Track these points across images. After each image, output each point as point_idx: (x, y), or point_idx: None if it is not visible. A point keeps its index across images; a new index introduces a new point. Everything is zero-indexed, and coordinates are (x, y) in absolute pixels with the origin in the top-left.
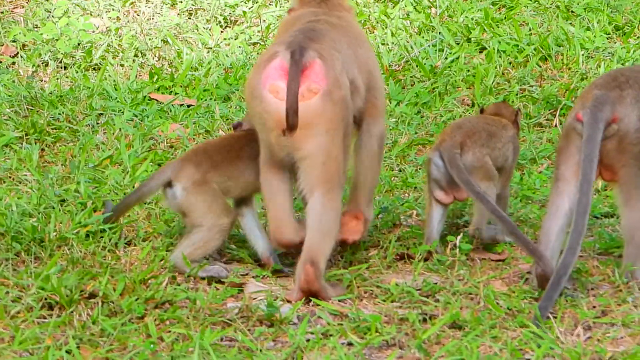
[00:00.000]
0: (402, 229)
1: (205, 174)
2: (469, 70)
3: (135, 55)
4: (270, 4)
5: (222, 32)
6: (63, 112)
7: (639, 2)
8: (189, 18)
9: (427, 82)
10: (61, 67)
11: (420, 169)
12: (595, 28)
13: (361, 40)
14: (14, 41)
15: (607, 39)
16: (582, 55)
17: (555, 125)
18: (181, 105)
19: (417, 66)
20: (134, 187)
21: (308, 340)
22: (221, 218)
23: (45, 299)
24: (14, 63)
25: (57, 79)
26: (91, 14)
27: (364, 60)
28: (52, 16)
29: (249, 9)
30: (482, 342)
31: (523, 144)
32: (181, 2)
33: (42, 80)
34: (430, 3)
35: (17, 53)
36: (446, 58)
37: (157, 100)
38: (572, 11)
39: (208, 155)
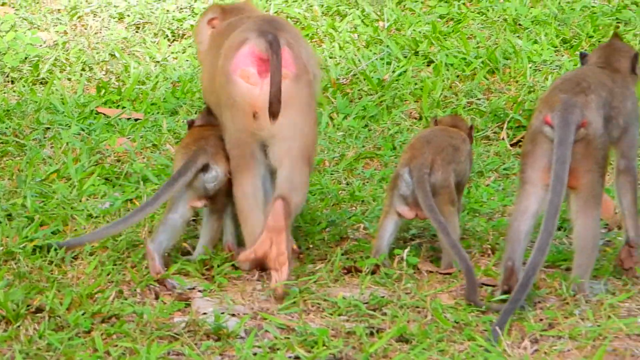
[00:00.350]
0: (350, 242)
1: None
2: (416, 84)
3: (83, 69)
4: None
5: (169, 45)
6: (10, 127)
7: (586, 15)
8: (137, 32)
9: (374, 96)
10: (8, 81)
11: (367, 182)
12: (543, 41)
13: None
14: None
15: (555, 52)
16: (530, 68)
17: (503, 138)
18: (128, 119)
19: (364, 79)
20: (80, 201)
21: (255, 354)
22: None
23: None
24: None
25: (4, 93)
26: (38, 28)
27: (310, 53)
28: None
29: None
30: (429, 355)
31: None
32: (129, 16)
33: None
34: (378, 16)
35: None
36: (394, 71)
37: (104, 114)
38: (519, 24)
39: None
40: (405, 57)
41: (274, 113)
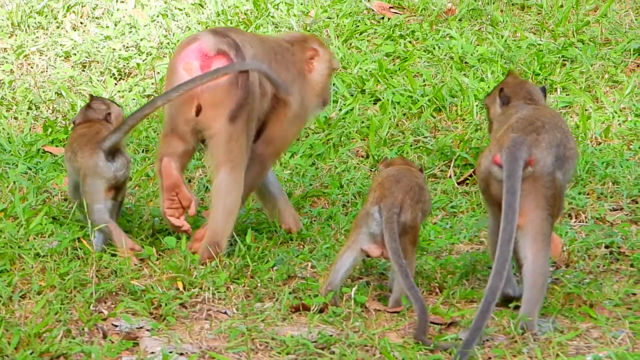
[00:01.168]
0: (297, 280)
1: None
2: (363, 122)
3: (29, 108)
4: (164, 57)
5: (116, 84)
6: None
7: (532, 53)
8: (83, 70)
9: (321, 134)
10: None
11: (314, 220)
12: (489, 79)
13: (288, 70)
14: None
15: None
16: (477, 106)
17: (450, 177)
18: None
19: None
20: (28, 240)
21: None
22: None
23: None
24: None
25: None
26: None
27: (277, 72)
28: None
29: (143, 61)
30: None
31: None
32: (75, 54)
33: None
34: None
35: None
36: (340, 109)
37: (51, 153)
38: (466, 62)
39: None
40: (352, 95)
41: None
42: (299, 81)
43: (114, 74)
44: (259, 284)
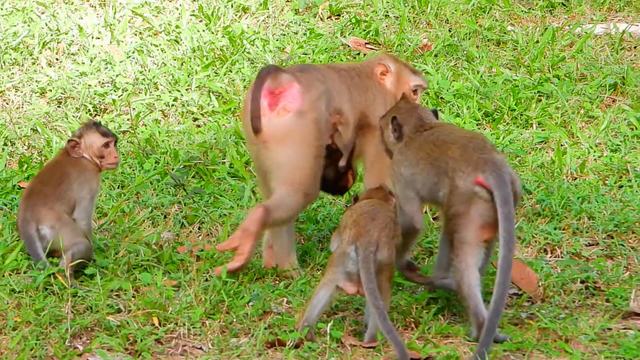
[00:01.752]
0: (273, 316)
1: None
2: None
3: (5, 144)
4: (139, 92)
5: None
6: None
7: (508, 88)
8: (59, 106)
9: None
10: None
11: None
12: (465, 114)
13: (368, 91)
14: None
15: (477, 125)
16: None
17: (426, 212)
18: None
19: None
20: (3, 276)
21: None
22: None
23: None
24: None
25: None
26: None
27: (358, 102)
28: None
29: (119, 97)
30: None
31: None
32: (50, 90)
33: None
34: None
35: None
36: None
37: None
38: (441, 97)
39: None
40: None
41: (254, 129)
42: (381, 99)
43: (89, 110)
44: (234, 320)
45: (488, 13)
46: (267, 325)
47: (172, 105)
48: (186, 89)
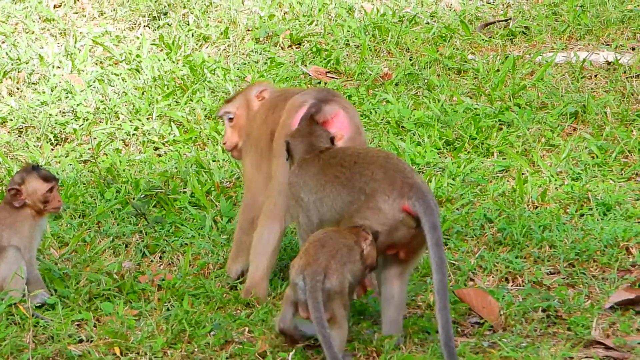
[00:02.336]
0: (235, 345)
1: None
2: None
3: None
4: (100, 122)
5: (52, 149)
6: None
7: (469, 117)
8: (20, 136)
9: None
10: None
11: None
12: (426, 143)
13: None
14: None
15: (438, 154)
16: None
17: None
18: None
19: None
20: None
21: None
22: None
23: None
24: None
25: None
26: None
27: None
28: None
29: (80, 126)
30: None
31: None
32: (11, 120)
33: None
34: None
35: None
36: None
37: None
38: (402, 126)
39: None
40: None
41: None
42: None
43: (50, 140)
44: (196, 349)
45: (449, 42)
46: (229, 355)
47: (133, 134)
48: (147, 118)
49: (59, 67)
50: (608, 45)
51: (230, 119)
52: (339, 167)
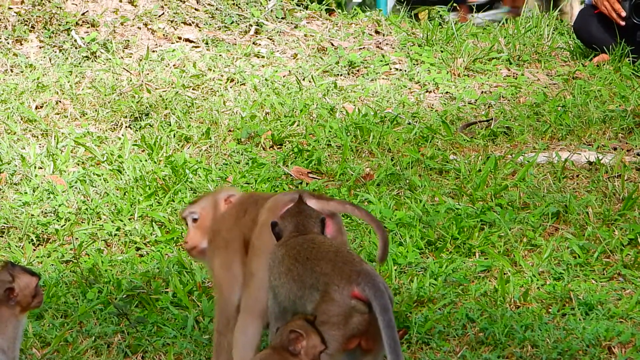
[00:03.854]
0: None
1: None
2: None
3: None
4: (82, 222)
5: (34, 250)
6: None
7: (450, 217)
8: (1, 236)
9: None
10: None
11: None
12: (408, 243)
13: None
14: None
15: (420, 254)
16: (395, 270)
17: None
18: None
19: None
20: None
21: None
22: None
23: None
24: None
25: None
26: None
27: None
28: None
29: (61, 227)
30: None
31: None
32: None
33: None
34: None
35: None
36: None
37: None
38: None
39: None
40: None
41: None
42: None
43: (32, 240)
44: None
45: (430, 142)
46: None
47: (115, 234)
48: (129, 219)
49: (41, 168)
50: (590, 145)
51: (195, 220)
52: (293, 261)
